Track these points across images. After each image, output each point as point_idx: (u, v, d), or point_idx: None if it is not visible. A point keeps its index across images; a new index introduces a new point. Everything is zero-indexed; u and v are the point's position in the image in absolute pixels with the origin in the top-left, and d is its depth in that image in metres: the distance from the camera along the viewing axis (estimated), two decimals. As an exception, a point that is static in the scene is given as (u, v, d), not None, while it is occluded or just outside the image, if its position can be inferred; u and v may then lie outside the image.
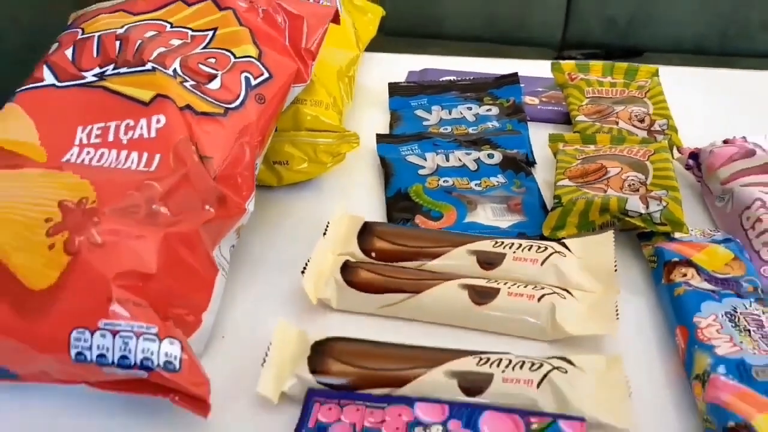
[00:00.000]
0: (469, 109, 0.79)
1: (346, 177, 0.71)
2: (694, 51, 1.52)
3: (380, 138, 0.74)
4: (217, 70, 0.56)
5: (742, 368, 0.44)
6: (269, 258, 0.61)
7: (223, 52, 0.57)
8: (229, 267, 0.54)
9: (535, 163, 0.72)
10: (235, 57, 0.57)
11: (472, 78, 0.85)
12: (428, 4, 1.57)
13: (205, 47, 0.57)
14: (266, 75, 0.57)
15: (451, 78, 0.86)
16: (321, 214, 0.61)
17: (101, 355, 0.42)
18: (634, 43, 1.53)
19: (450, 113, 0.79)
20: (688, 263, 0.53)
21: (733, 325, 0.47)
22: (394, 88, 0.84)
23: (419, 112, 0.80)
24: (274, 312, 0.54)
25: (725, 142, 0.67)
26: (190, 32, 0.58)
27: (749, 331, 0.47)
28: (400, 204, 0.65)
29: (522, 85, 0.82)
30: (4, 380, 0.46)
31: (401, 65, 0.92)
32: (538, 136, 0.74)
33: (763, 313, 0.48)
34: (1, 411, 0.47)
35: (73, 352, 0.43)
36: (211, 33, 0.58)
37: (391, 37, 1.49)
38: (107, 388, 0.45)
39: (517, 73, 0.83)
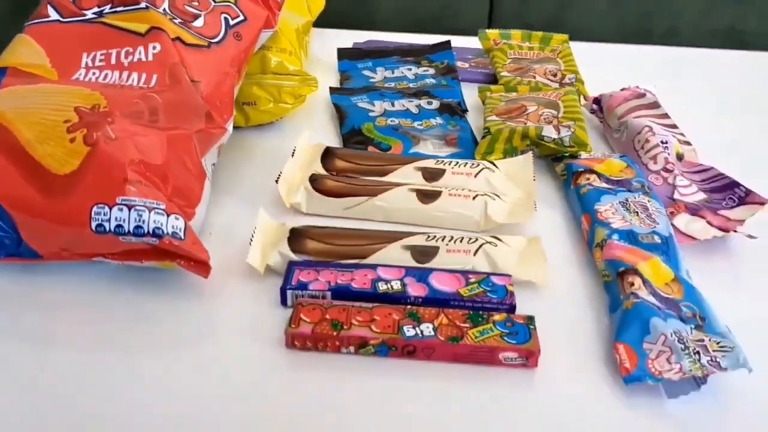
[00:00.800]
0: (409, 69, 0.91)
1: (306, 121, 0.81)
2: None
3: (333, 90, 0.84)
4: (200, 11, 0.65)
5: (631, 235, 0.57)
6: (244, 181, 0.70)
7: (205, -3, 0.66)
8: (212, 183, 0.64)
9: (467, 110, 0.84)
10: (215, 1, 0.67)
11: (410, 46, 0.97)
12: (358, 11, 1.65)
13: (189, -7, 0.67)
14: (242, 17, 0.67)
15: (392, 47, 0.98)
16: (286, 150, 0.71)
17: (119, 226, 0.51)
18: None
19: (393, 73, 0.91)
20: (591, 171, 0.66)
21: (625, 209, 0.60)
22: (342, 53, 0.95)
23: (366, 72, 0.91)
24: (254, 215, 0.64)
25: (622, 89, 0.81)
26: (175, -20, 0.67)
27: (637, 212, 0.60)
28: (355, 138, 0.76)
29: (454, 52, 0.95)
30: (30, 260, 0.54)
31: (347, 39, 1.03)
32: (468, 93, 0.86)
33: (648, 201, 0.61)
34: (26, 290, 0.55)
35: (93, 224, 0.51)
36: (193, -19, 0.68)
37: (325, 28, 1.59)
38: (122, 258, 0.53)
39: (449, 41, 0.96)
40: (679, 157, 0.69)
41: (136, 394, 0.47)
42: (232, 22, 0.66)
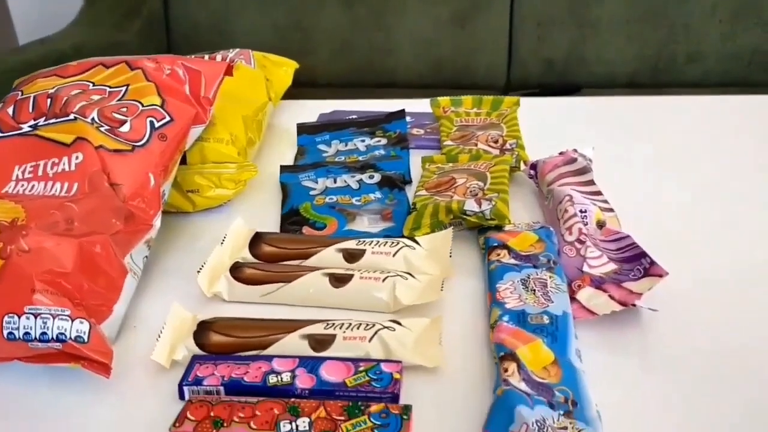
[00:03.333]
0: (362, 141, 0.94)
1: (253, 201, 0.85)
2: (628, 85, 1.65)
3: (283, 168, 0.88)
4: (127, 117, 0.70)
5: (522, 316, 0.58)
6: (182, 267, 0.73)
7: (133, 102, 0.72)
8: (143, 274, 0.68)
9: (410, 181, 0.86)
10: (143, 106, 0.72)
11: (368, 115, 1.01)
12: (380, 57, 1.71)
13: (119, 100, 0.72)
14: (168, 119, 0.72)
15: (352, 117, 1.02)
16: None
17: (26, 333, 0.56)
18: (573, 81, 1.66)
19: (346, 145, 0.94)
20: (504, 246, 0.67)
21: (524, 287, 0.61)
22: (301, 128, 0.99)
23: (321, 146, 0.95)
24: (186, 304, 0.67)
25: (560, 153, 0.81)
26: (108, 89, 0.73)
27: (534, 290, 0.61)
28: (292, 219, 0.79)
29: (410, 119, 0.98)
30: (-45, 364, 0.59)
31: (315, 109, 1.08)
32: (418, 162, 0.89)
33: (550, 277, 0.62)
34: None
35: (5, 332, 0.56)
36: (124, 88, 0.73)
37: (349, 88, 1.65)
38: (34, 361, 0.58)
39: (404, 110, 0.98)
40: (600, 225, 0.70)
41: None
42: (157, 125, 0.71)
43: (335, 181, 0.84)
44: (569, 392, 0.51)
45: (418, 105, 1.03)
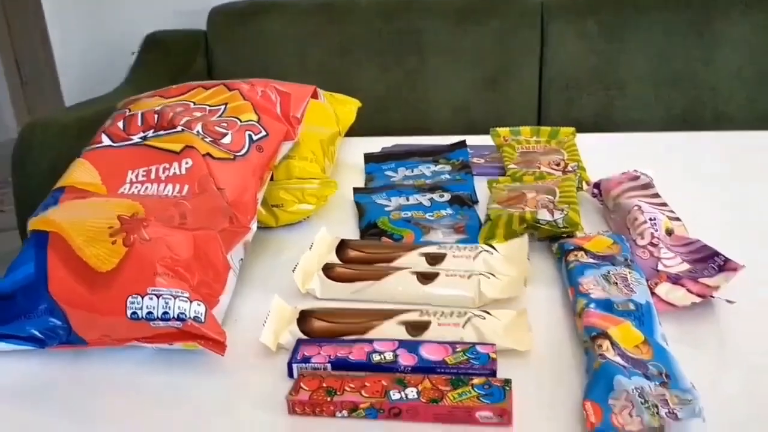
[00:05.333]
0: (428, 167, 1.00)
1: (330, 219, 0.90)
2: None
3: (356, 190, 0.94)
4: (228, 130, 0.77)
5: (607, 304, 0.62)
6: (273, 275, 0.78)
7: (232, 118, 0.78)
8: (239, 278, 0.72)
9: (477, 201, 0.91)
10: (241, 121, 0.78)
11: (431, 146, 1.07)
12: (417, 118, 1.77)
13: (219, 116, 0.79)
14: (264, 133, 0.78)
15: (415, 147, 1.08)
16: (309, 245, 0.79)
17: (149, 312, 0.60)
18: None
19: (412, 171, 1.00)
20: (580, 248, 0.71)
21: (606, 281, 0.65)
22: (368, 157, 1.05)
23: (388, 173, 1.00)
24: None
25: (622, 173, 0.86)
26: (207, 107, 0.80)
27: (616, 283, 0.65)
28: (371, 231, 0.84)
29: (471, 150, 1.03)
30: (77, 347, 0.63)
31: (377, 145, 1.14)
32: (482, 185, 0.94)
33: (629, 272, 0.66)
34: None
35: (128, 311, 0.60)
36: (223, 107, 0.80)
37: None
38: (152, 341, 0.62)
39: (465, 140, 1.04)
40: (669, 232, 0.74)
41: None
42: (255, 138, 0.77)
43: (408, 200, 0.90)
44: (662, 367, 0.55)
45: (471, 141, 1.08)
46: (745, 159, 1.01)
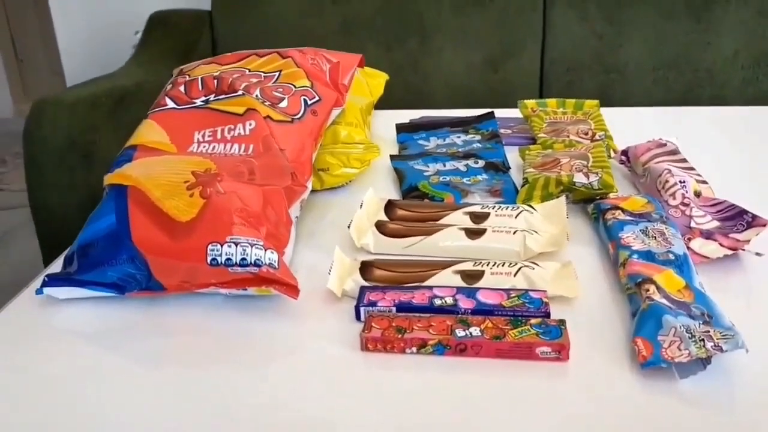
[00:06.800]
0: (458, 137, 1.05)
1: (371, 183, 0.94)
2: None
3: (393, 157, 0.99)
4: (284, 95, 0.81)
5: (649, 255, 0.67)
6: (323, 232, 0.83)
7: (287, 84, 0.83)
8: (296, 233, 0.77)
9: (509, 168, 0.96)
10: (296, 87, 0.83)
11: (459, 118, 1.12)
12: (418, 99, 1.75)
13: (275, 82, 0.83)
14: (317, 98, 0.82)
15: (444, 120, 1.13)
16: (354, 207, 0.83)
17: (228, 259, 0.65)
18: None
19: (444, 141, 1.05)
20: (617, 207, 0.77)
21: (645, 235, 0.71)
22: (400, 127, 1.10)
23: (421, 142, 1.05)
24: (332, 257, 0.76)
25: (649, 141, 0.92)
26: (263, 74, 0.84)
27: (655, 237, 0.70)
28: (413, 194, 0.89)
29: (498, 121, 1.08)
30: (155, 293, 0.68)
31: (406, 116, 1.19)
32: (511, 155, 0.99)
33: (666, 228, 0.72)
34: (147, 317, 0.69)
35: (209, 258, 0.65)
36: (277, 73, 0.84)
37: None
38: (230, 286, 0.67)
39: (493, 111, 1.09)
40: (697, 194, 0.79)
41: (241, 397, 0.59)
42: (309, 102, 0.81)
43: (444, 165, 0.95)
44: (703, 308, 0.60)
45: (499, 113, 1.13)
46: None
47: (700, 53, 1.67)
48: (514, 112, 1.14)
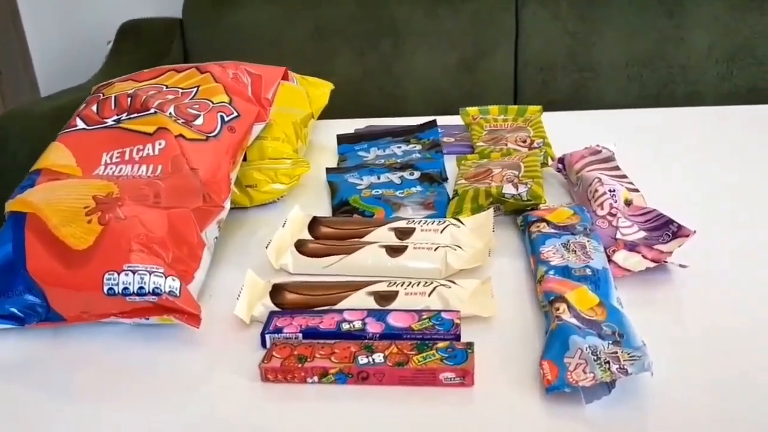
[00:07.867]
0: (399, 147, 1.02)
1: (303, 199, 0.92)
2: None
3: (329, 170, 0.96)
4: (200, 112, 0.78)
5: (566, 270, 0.65)
6: (248, 252, 0.80)
7: (204, 100, 0.80)
8: (214, 256, 0.74)
9: (446, 179, 0.94)
10: (213, 103, 0.80)
11: (402, 127, 1.09)
12: (393, 102, 1.72)
13: (191, 99, 0.80)
14: (235, 114, 0.80)
15: (386, 130, 1.10)
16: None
17: (125, 288, 0.62)
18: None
19: (384, 151, 1.02)
20: (542, 220, 0.74)
21: (565, 249, 0.68)
22: (341, 138, 1.07)
23: (361, 153, 1.03)
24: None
25: (585, 148, 0.89)
26: (180, 90, 0.82)
27: (575, 251, 0.68)
28: (343, 209, 0.86)
29: (441, 130, 1.06)
30: (56, 324, 0.65)
31: (350, 126, 1.16)
32: (452, 163, 0.97)
33: (588, 241, 0.69)
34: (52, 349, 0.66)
35: (105, 287, 0.62)
36: (195, 89, 0.82)
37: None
38: (129, 316, 0.64)
39: (435, 120, 1.07)
40: (628, 203, 0.77)
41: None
42: (227, 119, 0.79)
43: (379, 178, 0.92)
44: (615, 327, 0.58)
45: (442, 121, 1.11)
46: (715, 133, 1.04)
47: (674, 49, 1.66)
48: (457, 120, 1.11)
